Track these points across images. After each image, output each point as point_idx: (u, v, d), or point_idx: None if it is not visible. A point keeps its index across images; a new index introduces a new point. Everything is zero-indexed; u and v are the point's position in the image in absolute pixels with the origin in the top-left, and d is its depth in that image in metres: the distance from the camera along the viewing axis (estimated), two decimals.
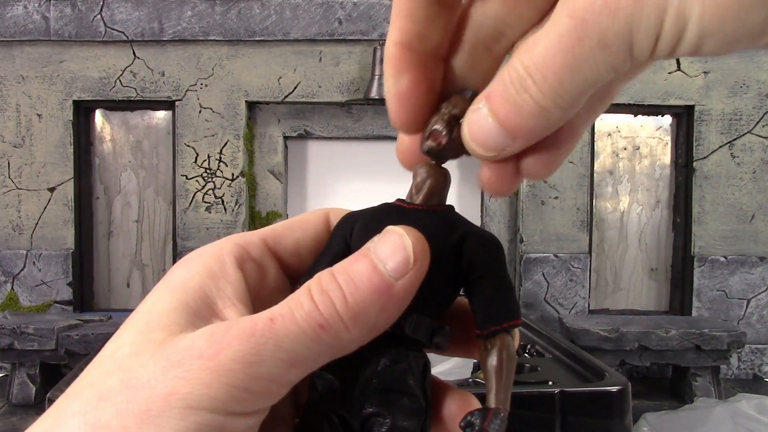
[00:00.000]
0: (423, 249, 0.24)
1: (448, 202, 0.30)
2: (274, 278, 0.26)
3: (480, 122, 0.25)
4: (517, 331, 0.27)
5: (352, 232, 0.28)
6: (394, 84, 0.29)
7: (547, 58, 0.21)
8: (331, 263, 0.26)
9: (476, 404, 0.28)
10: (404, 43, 0.28)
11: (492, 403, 0.26)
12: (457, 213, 0.29)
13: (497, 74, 0.24)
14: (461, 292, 0.28)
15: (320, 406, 0.27)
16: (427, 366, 0.27)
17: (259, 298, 0.25)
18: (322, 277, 0.23)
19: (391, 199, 0.30)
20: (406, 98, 0.29)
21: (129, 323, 0.24)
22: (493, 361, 0.27)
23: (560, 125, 0.24)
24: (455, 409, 0.27)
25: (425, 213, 0.28)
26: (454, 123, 0.28)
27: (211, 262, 0.25)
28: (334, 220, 0.29)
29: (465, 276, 0.28)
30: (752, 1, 0.19)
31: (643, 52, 0.21)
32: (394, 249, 0.24)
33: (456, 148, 0.28)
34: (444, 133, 0.28)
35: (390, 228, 0.25)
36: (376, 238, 0.24)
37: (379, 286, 0.23)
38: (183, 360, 0.21)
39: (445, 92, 0.29)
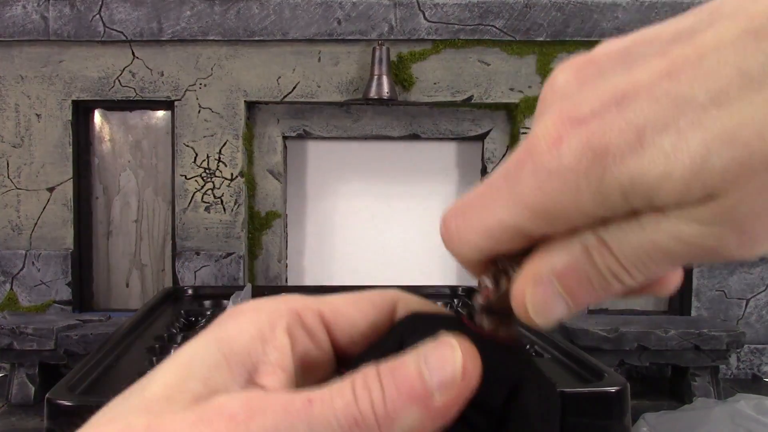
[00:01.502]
0: (473, 367, 0.23)
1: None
2: (323, 353, 0.26)
3: (549, 299, 0.23)
4: None
5: (413, 336, 0.26)
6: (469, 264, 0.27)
7: (641, 253, 0.20)
8: (379, 358, 0.25)
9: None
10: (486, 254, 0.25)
11: None
12: (525, 350, 0.26)
13: (566, 246, 0.22)
14: None
15: None
16: None
17: (302, 369, 0.25)
18: (369, 372, 0.23)
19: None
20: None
21: (168, 364, 0.24)
22: None
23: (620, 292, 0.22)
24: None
25: (490, 344, 0.26)
26: (501, 277, 0.25)
27: (263, 324, 0.25)
28: (401, 309, 0.28)
29: (509, 420, 0.25)
30: None
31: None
32: (443, 360, 0.23)
33: (506, 303, 0.25)
34: (491, 287, 0.25)
35: (445, 337, 0.24)
36: (428, 344, 0.24)
37: (420, 393, 0.22)
38: (213, 418, 0.21)
39: None
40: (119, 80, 2.59)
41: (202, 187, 2.62)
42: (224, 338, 0.24)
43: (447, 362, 0.22)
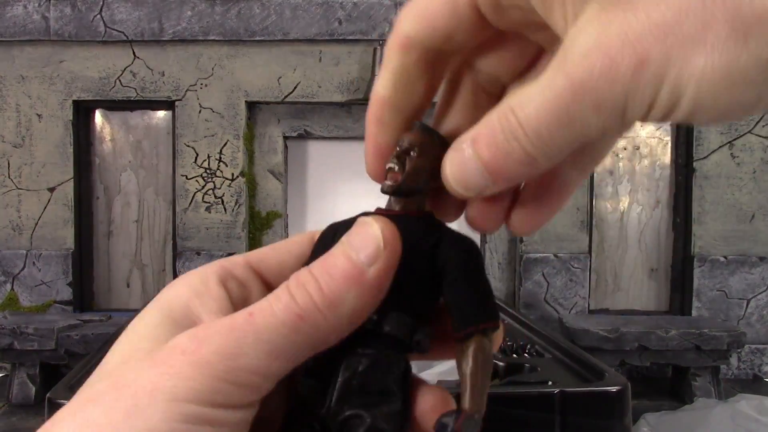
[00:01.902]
0: (392, 235, 0.25)
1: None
2: (258, 297, 0.27)
3: (464, 163, 0.26)
4: (496, 335, 0.27)
5: (334, 238, 0.29)
6: (374, 136, 0.30)
7: (540, 113, 0.22)
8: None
9: (451, 401, 0.28)
10: (389, 100, 0.29)
11: (466, 405, 0.27)
12: (436, 218, 0.29)
13: (484, 119, 0.25)
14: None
15: (303, 411, 0.27)
16: (408, 368, 0.27)
17: None
18: (300, 273, 0.24)
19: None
20: (383, 153, 0.30)
21: (120, 339, 0.25)
22: (467, 362, 0.27)
23: (541, 172, 0.25)
24: (428, 406, 0.28)
25: (404, 218, 0.29)
26: (404, 157, 0.28)
27: (195, 282, 0.26)
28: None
29: (441, 279, 0.28)
30: (745, 82, 0.20)
31: (634, 118, 0.22)
32: (364, 237, 0.25)
33: (415, 180, 0.29)
34: (397, 169, 0.28)
35: (360, 218, 0.26)
36: (349, 231, 0.25)
37: (352, 272, 0.24)
38: (166, 357, 0.22)
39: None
40: (120, 80, 2.60)
41: (203, 187, 2.62)
42: (163, 301, 0.26)
43: (368, 237, 0.24)
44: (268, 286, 0.28)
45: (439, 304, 0.28)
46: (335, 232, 0.29)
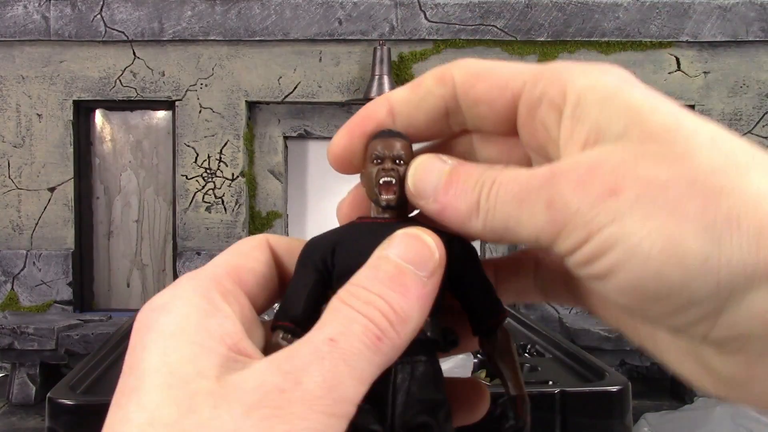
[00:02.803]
0: (440, 244, 0.25)
1: None
2: (249, 310, 0.26)
3: (432, 172, 0.27)
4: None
5: (334, 255, 0.29)
6: (363, 124, 0.31)
7: (508, 198, 0.24)
8: (312, 292, 0.27)
9: (486, 390, 0.30)
10: (403, 102, 0.30)
11: (515, 390, 0.28)
12: (423, 221, 0.30)
13: (462, 167, 0.26)
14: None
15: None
16: (440, 368, 0.28)
17: (246, 327, 0.26)
18: (355, 292, 0.23)
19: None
20: (353, 144, 0.31)
21: (144, 385, 0.22)
22: (503, 352, 0.29)
23: (472, 237, 0.26)
24: (475, 397, 0.29)
25: (402, 225, 0.29)
26: (396, 167, 0.29)
27: (199, 302, 0.24)
28: (276, 246, 0.30)
29: (454, 278, 0.28)
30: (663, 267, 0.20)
31: (558, 251, 0.23)
32: (419, 249, 0.25)
33: (404, 189, 0.29)
34: (394, 182, 0.29)
35: (402, 232, 0.26)
36: (391, 244, 0.25)
37: (421, 291, 0.24)
38: (263, 399, 0.20)
39: None
40: (120, 80, 2.60)
41: (203, 187, 2.62)
42: (174, 332, 0.23)
43: (427, 251, 0.25)
44: (251, 299, 0.27)
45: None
46: (333, 248, 0.29)
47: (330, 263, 0.29)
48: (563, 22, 2.54)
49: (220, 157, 2.61)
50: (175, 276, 2.64)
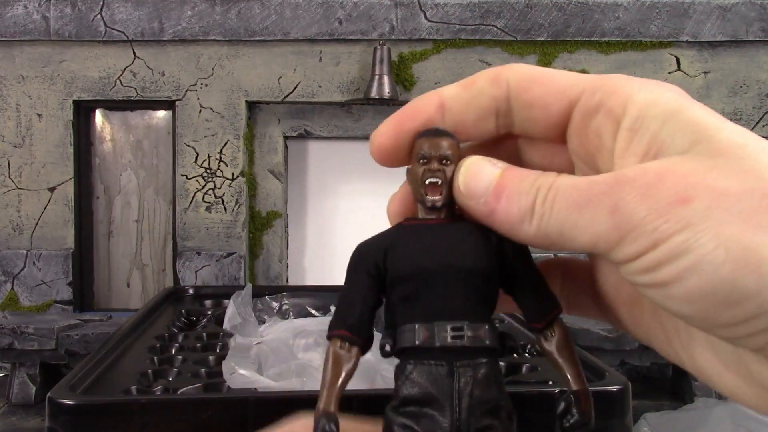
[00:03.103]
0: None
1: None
2: None
3: (483, 173, 0.27)
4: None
5: (386, 259, 0.29)
6: (408, 119, 0.31)
7: (567, 204, 0.24)
8: (366, 298, 0.28)
9: None
10: (455, 100, 0.33)
11: (576, 384, 0.29)
12: (470, 220, 0.30)
13: (518, 172, 0.27)
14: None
15: None
16: (501, 369, 0.29)
17: None
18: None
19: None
20: (400, 138, 0.31)
21: None
22: (562, 346, 0.29)
23: (521, 241, 0.27)
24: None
25: (453, 225, 0.29)
26: (443, 168, 0.29)
27: None
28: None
29: (509, 275, 0.30)
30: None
31: (617, 258, 0.24)
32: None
33: (452, 189, 0.29)
34: (440, 183, 0.29)
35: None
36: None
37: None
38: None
39: None
40: (120, 80, 2.60)
41: (203, 186, 2.63)
42: None
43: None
44: None
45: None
46: (384, 253, 0.29)
47: (383, 268, 0.29)
48: (563, 22, 2.55)
49: (220, 157, 2.62)
50: (175, 276, 2.64)
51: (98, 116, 2.75)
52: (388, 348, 0.28)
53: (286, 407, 0.57)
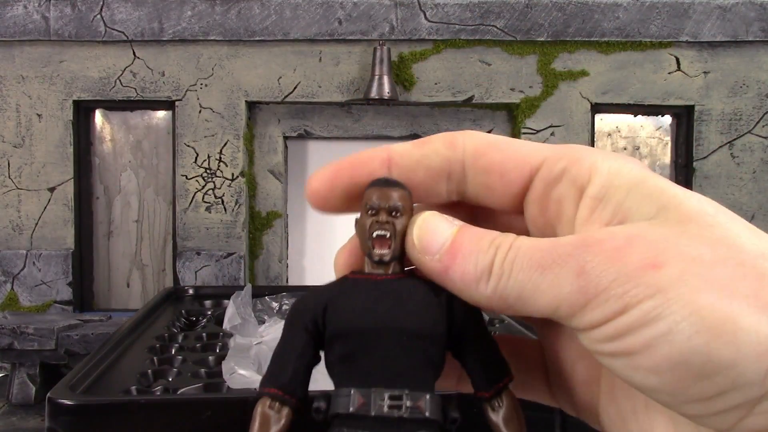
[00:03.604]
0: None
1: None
2: None
3: (439, 228, 0.26)
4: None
5: (325, 315, 0.27)
6: (353, 168, 0.30)
7: (529, 264, 0.23)
8: (301, 356, 0.26)
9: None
10: (404, 156, 0.30)
11: None
12: (419, 276, 0.28)
13: (475, 232, 0.26)
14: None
15: None
16: None
17: None
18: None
19: None
20: (340, 182, 0.30)
21: None
22: (510, 418, 0.27)
23: (475, 303, 0.26)
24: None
25: (401, 282, 0.28)
26: (392, 220, 0.27)
27: None
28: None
29: (458, 338, 0.27)
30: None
31: (579, 324, 0.22)
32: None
33: (402, 243, 0.28)
34: (389, 236, 0.27)
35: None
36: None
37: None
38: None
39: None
40: (120, 80, 2.60)
41: (203, 187, 2.63)
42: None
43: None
44: None
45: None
46: (324, 307, 0.27)
47: (321, 324, 0.27)
48: (563, 22, 2.55)
49: (220, 157, 2.62)
50: (175, 276, 2.64)
51: (98, 116, 2.75)
52: (321, 410, 0.26)
53: None
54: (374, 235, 0.27)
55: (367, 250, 0.28)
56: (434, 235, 0.26)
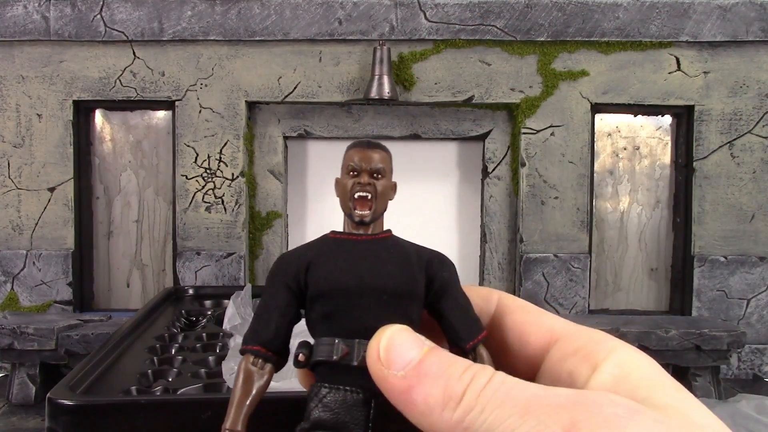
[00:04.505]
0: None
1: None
2: None
3: (409, 343, 0.25)
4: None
5: (307, 273, 0.27)
6: None
7: (511, 403, 0.22)
8: (284, 313, 0.26)
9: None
10: None
11: None
12: (398, 237, 0.29)
13: (446, 360, 0.25)
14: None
15: None
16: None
17: None
18: None
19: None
20: None
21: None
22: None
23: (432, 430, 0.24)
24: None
25: (379, 242, 0.28)
26: (373, 182, 0.28)
27: None
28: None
29: (435, 297, 0.28)
30: None
31: None
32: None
33: (384, 204, 0.28)
34: (370, 197, 0.27)
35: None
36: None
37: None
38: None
39: None
40: (120, 80, 2.60)
41: (203, 187, 2.62)
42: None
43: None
44: None
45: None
46: (307, 265, 0.28)
47: (303, 283, 0.27)
48: (563, 22, 2.55)
49: (220, 157, 2.61)
50: (175, 276, 2.64)
51: (98, 116, 2.75)
52: (301, 358, 0.26)
53: (286, 407, 0.57)
54: (356, 196, 0.28)
55: (348, 211, 0.28)
56: (402, 350, 0.24)
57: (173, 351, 1.09)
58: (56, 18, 2.55)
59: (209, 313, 1.40)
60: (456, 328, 0.28)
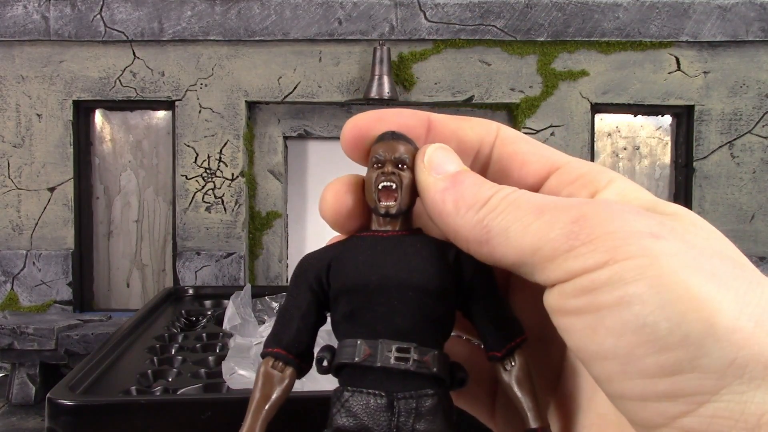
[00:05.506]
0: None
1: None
2: None
3: (450, 156, 0.27)
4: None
5: (329, 272, 0.27)
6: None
7: (527, 206, 0.24)
8: (306, 315, 0.25)
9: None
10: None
11: (536, 422, 0.25)
12: (429, 235, 0.28)
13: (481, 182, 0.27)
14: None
15: None
16: (452, 403, 0.26)
17: None
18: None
19: None
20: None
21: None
22: (522, 378, 0.26)
23: (456, 229, 0.25)
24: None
25: (407, 238, 0.27)
26: (398, 172, 0.27)
27: None
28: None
29: (466, 297, 0.26)
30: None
31: (554, 271, 0.23)
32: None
33: (410, 196, 0.27)
34: (394, 187, 0.27)
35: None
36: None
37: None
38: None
39: None
40: (120, 80, 2.60)
41: (203, 187, 2.63)
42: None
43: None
44: None
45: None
46: (328, 264, 0.27)
47: (325, 282, 0.26)
48: (563, 22, 2.55)
49: (220, 157, 2.62)
50: (175, 276, 2.64)
51: (98, 116, 2.75)
52: (325, 363, 0.26)
53: (286, 407, 0.57)
54: (380, 186, 0.27)
55: (374, 204, 0.27)
56: (445, 159, 0.27)
57: (173, 351, 1.09)
58: (56, 18, 2.55)
59: (209, 313, 1.40)
60: (486, 332, 0.26)
